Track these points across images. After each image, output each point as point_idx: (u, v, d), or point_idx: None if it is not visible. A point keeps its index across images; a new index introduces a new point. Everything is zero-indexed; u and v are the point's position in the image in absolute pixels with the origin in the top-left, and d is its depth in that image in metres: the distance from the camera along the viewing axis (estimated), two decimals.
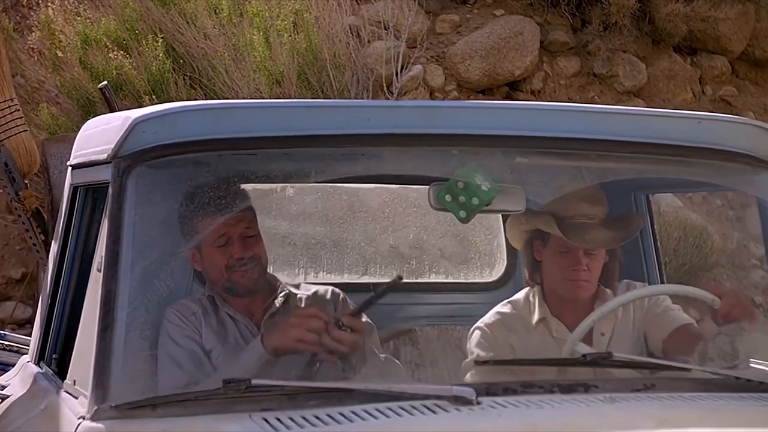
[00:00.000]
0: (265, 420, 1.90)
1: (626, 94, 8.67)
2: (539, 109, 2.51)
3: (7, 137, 3.65)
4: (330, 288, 2.74)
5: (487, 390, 2.02)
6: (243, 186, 2.46)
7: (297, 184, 3.03)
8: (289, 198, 3.29)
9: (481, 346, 2.72)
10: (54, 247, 2.89)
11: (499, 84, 8.36)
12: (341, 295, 2.71)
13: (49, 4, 7.94)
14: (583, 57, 8.72)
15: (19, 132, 3.68)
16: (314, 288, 2.75)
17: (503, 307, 2.83)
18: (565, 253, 2.70)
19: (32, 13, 8.20)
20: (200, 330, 2.55)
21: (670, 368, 2.35)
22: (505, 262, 3.56)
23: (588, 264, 2.69)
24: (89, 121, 2.78)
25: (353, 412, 1.91)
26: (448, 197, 2.32)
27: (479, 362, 2.57)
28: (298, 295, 2.70)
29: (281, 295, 2.66)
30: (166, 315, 2.50)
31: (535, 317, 2.77)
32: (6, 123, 3.67)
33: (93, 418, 2.06)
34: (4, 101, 3.67)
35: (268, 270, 2.65)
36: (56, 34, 7.81)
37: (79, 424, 2.10)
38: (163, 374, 2.38)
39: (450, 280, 3.62)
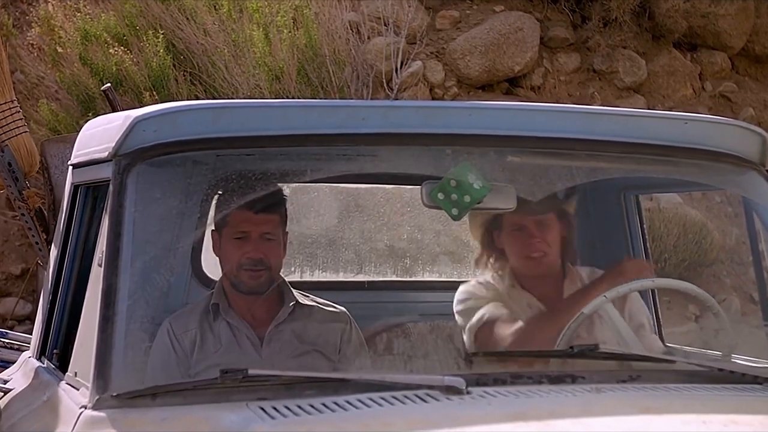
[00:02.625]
0: (262, 408, 1.93)
1: (626, 90, 8.65)
2: (531, 110, 2.56)
3: (9, 138, 3.70)
4: (341, 309, 2.78)
5: (477, 380, 2.07)
6: (280, 186, 2.52)
7: (293, 183, 3.08)
8: (286, 197, 3.33)
9: (476, 301, 2.80)
10: (55, 245, 2.92)
11: (498, 80, 8.37)
12: (350, 319, 2.76)
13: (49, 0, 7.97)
14: (583, 53, 8.72)
15: (20, 133, 3.72)
16: (323, 302, 2.78)
17: (477, 280, 2.89)
18: (517, 230, 2.79)
19: (32, 9, 8.21)
20: (191, 349, 2.60)
21: (656, 360, 2.42)
22: None
23: (542, 236, 2.77)
24: (90, 121, 2.82)
25: (348, 402, 1.95)
26: (440, 195, 2.35)
27: (470, 354, 2.63)
28: (307, 306, 2.74)
29: (290, 304, 2.70)
30: (160, 329, 2.54)
31: (507, 287, 2.84)
32: (7, 124, 3.71)
33: (94, 407, 2.10)
34: (5, 102, 3.71)
35: (278, 276, 2.69)
36: (56, 29, 7.82)
37: (80, 414, 2.15)
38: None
39: (443, 278, 3.66)
